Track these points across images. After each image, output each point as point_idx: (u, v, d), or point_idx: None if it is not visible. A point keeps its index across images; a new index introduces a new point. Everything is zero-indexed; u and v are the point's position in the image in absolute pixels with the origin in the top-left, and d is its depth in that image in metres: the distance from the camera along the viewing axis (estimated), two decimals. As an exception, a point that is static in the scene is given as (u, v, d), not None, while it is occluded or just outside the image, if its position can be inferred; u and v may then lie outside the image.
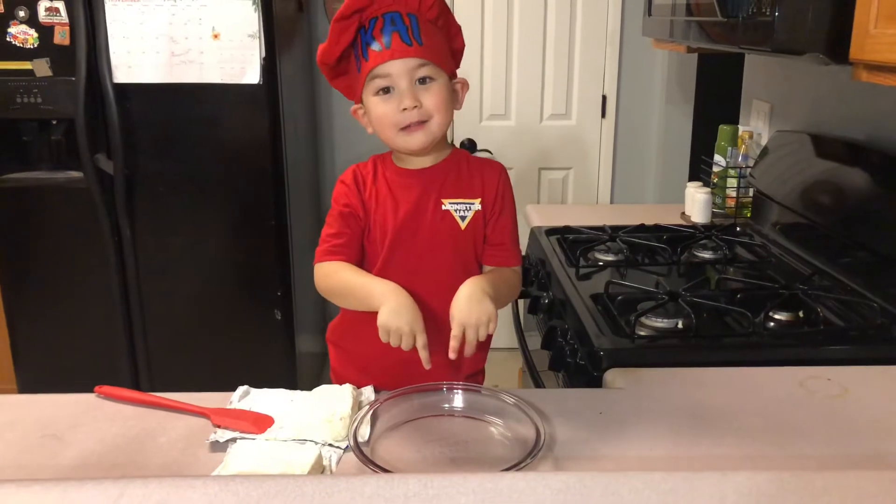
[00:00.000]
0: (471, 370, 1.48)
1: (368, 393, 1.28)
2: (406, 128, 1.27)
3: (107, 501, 0.73)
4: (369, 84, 1.27)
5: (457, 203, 1.34)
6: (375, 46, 1.24)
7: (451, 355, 1.16)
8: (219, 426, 1.17)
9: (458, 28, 1.35)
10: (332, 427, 1.14)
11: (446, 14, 1.31)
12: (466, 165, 1.38)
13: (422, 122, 1.27)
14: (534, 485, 0.79)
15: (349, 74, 1.33)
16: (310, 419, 1.15)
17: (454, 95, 1.33)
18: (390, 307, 1.17)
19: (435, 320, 1.25)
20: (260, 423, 1.18)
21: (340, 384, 1.29)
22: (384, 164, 1.38)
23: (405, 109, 1.25)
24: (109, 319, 2.59)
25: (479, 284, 1.23)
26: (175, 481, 0.77)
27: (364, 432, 1.12)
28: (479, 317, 1.18)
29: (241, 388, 1.27)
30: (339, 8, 1.25)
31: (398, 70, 1.24)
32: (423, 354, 1.16)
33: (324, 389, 1.25)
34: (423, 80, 1.26)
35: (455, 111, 1.34)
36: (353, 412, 1.17)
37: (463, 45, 1.36)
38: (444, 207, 1.34)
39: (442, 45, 1.30)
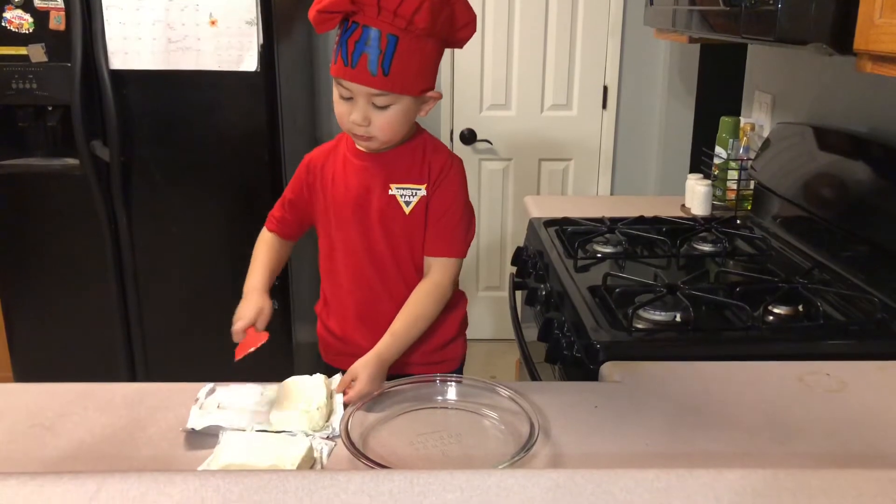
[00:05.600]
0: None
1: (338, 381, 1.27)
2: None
3: (84, 496, 0.71)
4: (335, 79, 1.31)
5: (403, 188, 1.40)
6: (343, 57, 1.26)
7: (340, 389, 1.23)
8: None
9: (468, 19, 1.32)
10: (311, 417, 1.13)
11: (450, 10, 1.27)
12: (422, 152, 1.41)
13: (369, 136, 1.33)
14: (523, 482, 0.77)
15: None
16: (287, 410, 1.14)
17: (417, 110, 1.35)
18: (245, 303, 1.40)
19: (384, 299, 1.44)
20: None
21: (325, 348, 1.54)
22: (347, 142, 1.43)
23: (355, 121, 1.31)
24: (105, 307, 2.57)
25: (383, 356, 1.29)
26: (154, 476, 0.75)
27: (355, 424, 1.11)
28: (366, 388, 1.22)
29: (207, 386, 1.23)
30: (322, 0, 1.23)
31: (357, 90, 1.28)
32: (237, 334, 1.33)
33: (295, 381, 1.24)
34: (380, 103, 1.29)
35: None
36: (327, 400, 1.18)
37: (469, 35, 1.34)
38: (390, 192, 1.40)
39: (417, 66, 1.27)
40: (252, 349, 1.25)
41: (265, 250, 1.53)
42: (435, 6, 1.23)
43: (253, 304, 1.39)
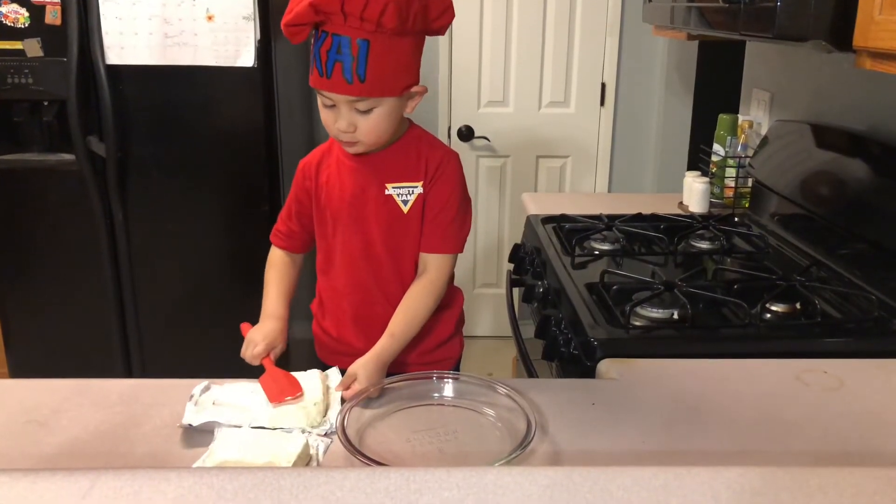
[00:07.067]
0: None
1: (334, 376, 1.26)
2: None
3: (77, 493, 0.71)
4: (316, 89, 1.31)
5: (399, 187, 1.38)
6: (319, 68, 1.26)
7: (340, 389, 1.22)
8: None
9: (444, 7, 1.29)
10: (308, 412, 1.13)
11: (421, 3, 1.24)
12: (416, 148, 1.40)
13: (355, 141, 1.32)
14: (520, 480, 0.77)
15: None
16: (284, 406, 1.14)
17: (402, 108, 1.34)
18: (258, 326, 1.40)
19: (380, 301, 1.42)
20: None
21: (320, 347, 1.51)
22: (339, 144, 1.41)
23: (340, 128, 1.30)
24: (101, 303, 2.57)
25: (382, 357, 1.29)
26: (149, 473, 0.75)
27: (351, 421, 1.11)
28: (365, 382, 1.23)
29: (202, 383, 1.22)
30: (289, 13, 1.22)
31: (337, 98, 1.27)
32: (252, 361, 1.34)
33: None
34: (362, 108, 1.28)
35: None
36: (324, 396, 1.17)
37: (447, 23, 1.32)
38: (386, 192, 1.38)
39: (393, 66, 1.26)
40: (289, 398, 1.18)
41: (275, 274, 1.50)
42: (401, 5, 1.20)
43: (261, 331, 1.38)
